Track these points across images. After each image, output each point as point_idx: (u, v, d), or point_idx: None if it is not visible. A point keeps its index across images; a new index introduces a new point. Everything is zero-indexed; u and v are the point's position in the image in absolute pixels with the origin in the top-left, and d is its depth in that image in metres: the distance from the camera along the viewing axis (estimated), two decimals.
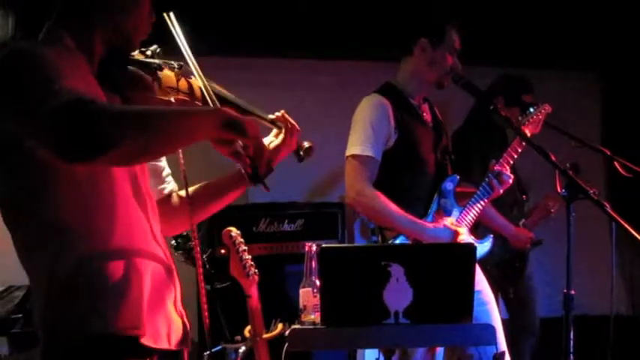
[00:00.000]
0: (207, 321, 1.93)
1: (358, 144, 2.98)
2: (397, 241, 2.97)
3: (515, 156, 3.14)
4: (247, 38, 4.37)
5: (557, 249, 2.64)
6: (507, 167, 3.13)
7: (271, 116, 2.01)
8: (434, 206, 3.05)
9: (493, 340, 2.12)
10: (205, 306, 1.77)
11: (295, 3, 4.29)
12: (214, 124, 1.57)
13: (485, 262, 3.10)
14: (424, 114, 3.15)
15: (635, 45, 4.73)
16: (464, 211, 3.06)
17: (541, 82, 4.54)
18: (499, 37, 4.54)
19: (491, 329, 2.13)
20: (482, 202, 3.09)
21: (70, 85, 1.49)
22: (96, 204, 1.61)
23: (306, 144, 2.05)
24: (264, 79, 4.57)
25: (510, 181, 3.12)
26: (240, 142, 1.64)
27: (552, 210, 4.13)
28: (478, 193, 3.09)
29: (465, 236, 2.99)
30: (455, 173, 3.15)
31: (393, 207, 2.93)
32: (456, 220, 3.04)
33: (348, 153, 3.02)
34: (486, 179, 3.08)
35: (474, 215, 3.08)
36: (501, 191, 3.13)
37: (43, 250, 1.58)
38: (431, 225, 2.98)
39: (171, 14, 1.84)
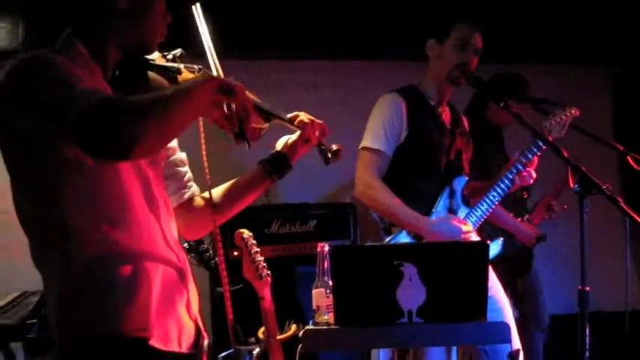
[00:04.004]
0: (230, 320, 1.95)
1: (369, 137, 3.08)
2: (400, 236, 3.01)
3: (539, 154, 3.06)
4: (260, 40, 4.38)
5: (571, 245, 2.62)
6: (533, 166, 3.08)
7: (290, 115, 2.02)
8: (439, 205, 3.08)
9: (507, 338, 2.11)
10: (230, 309, 1.79)
11: (298, 4, 4.30)
12: (212, 90, 1.58)
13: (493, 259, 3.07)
14: (443, 115, 3.18)
15: None
16: (472, 211, 3.07)
17: (552, 77, 4.53)
18: (509, 34, 4.51)
19: (505, 327, 2.12)
20: (494, 203, 3.08)
21: (89, 88, 1.51)
22: (105, 207, 1.63)
23: (334, 147, 2.02)
24: (280, 80, 4.56)
25: (531, 181, 3.09)
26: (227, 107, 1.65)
27: (556, 209, 4.11)
28: (494, 192, 3.06)
29: (473, 234, 2.99)
30: (465, 175, 3.16)
31: (397, 201, 2.99)
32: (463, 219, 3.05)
33: (360, 146, 3.10)
34: (509, 174, 3.05)
35: (482, 215, 3.08)
36: (514, 189, 3.12)
37: (54, 252, 1.60)
38: (435, 220, 3.01)
39: (198, 6, 1.84)
